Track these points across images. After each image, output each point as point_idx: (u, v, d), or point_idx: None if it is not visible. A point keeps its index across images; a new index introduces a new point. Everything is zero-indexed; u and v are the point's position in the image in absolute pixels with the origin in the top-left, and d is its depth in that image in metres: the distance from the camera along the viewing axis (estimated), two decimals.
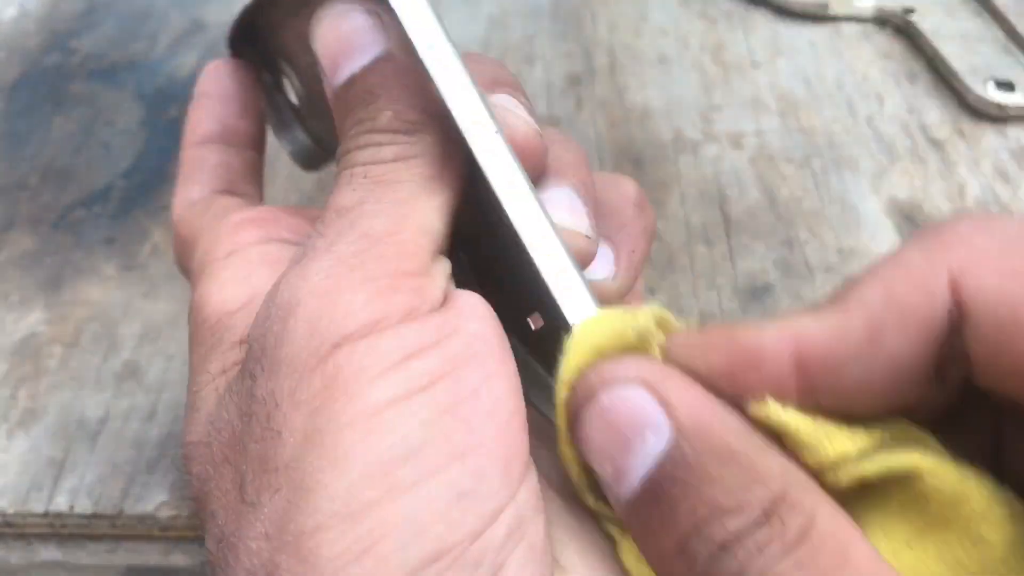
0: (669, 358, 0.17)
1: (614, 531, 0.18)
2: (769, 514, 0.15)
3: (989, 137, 0.43)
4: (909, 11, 0.49)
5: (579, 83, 0.47)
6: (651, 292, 0.36)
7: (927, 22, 0.48)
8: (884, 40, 0.49)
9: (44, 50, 0.50)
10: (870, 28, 0.50)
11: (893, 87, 0.46)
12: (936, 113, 0.44)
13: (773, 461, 0.15)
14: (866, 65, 0.47)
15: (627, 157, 0.42)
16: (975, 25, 0.48)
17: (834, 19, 0.50)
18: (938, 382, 0.16)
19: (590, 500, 0.18)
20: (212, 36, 0.51)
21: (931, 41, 0.47)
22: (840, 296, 0.17)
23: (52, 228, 0.39)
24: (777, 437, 0.16)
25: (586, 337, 0.17)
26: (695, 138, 0.43)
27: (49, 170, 0.42)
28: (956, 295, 0.16)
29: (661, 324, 0.18)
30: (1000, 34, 0.48)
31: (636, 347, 0.17)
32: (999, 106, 0.43)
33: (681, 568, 0.15)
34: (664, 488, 0.15)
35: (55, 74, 0.48)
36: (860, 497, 0.16)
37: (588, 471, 0.17)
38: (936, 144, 0.42)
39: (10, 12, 0.53)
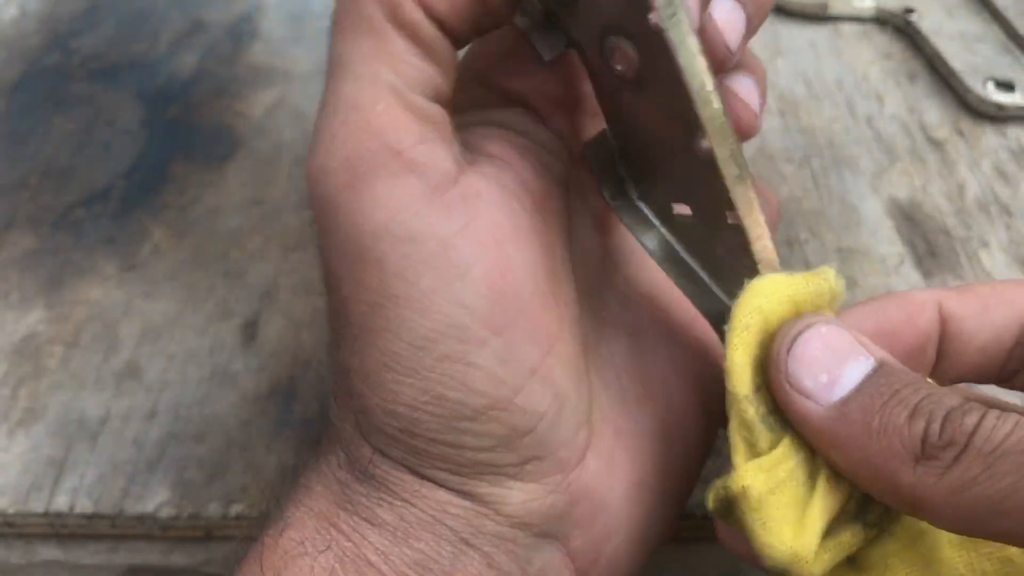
0: (847, 317, 0.22)
1: (748, 435, 0.21)
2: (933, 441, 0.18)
3: (989, 137, 0.43)
4: (909, 11, 0.49)
5: None
6: None
7: (927, 22, 0.48)
8: (884, 40, 0.49)
9: (44, 50, 0.50)
10: (870, 28, 0.50)
11: (893, 87, 0.46)
12: (936, 113, 0.44)
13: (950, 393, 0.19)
14: (866, 65, 0.47)
15: None
16: (975, 25, 0.48)
17: (834, 19, 0.50)
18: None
19: (749, 409, 0.20)
20: (212, 36, 0.51)
21: (931, 41, 0.47)
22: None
23: (52, 228, 0.39)
24: None
25: (778, 287, 0.21)
26: None
27: (49, 170, 0.42)
28: None
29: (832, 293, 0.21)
30: (1000, 34, 0.48)
31: (816, 303, 0.21)
32: (999, 106, 0.43)
33: (878, 442, 0.18)
34: (870, 384, 0.19)
35: (55, 74, 0.48)
36: None
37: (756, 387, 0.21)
38: (936, 144, 0.42)
39: (10, 12, 0.53)
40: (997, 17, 0.48)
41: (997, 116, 0.43)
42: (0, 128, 0.45)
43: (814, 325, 0.20)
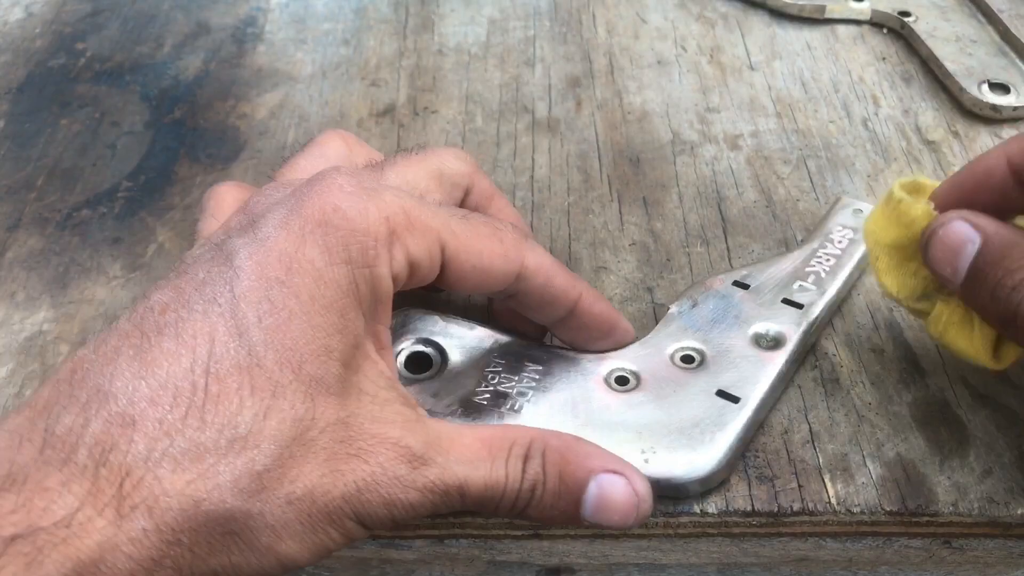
0: (949, 185, 0.30)
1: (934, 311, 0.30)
2: None
3: (983, 138, 0.43)
4: (905, 14, 0.50)
5: (578, 85, 0.47)
6: (649, 291, 0.37)
7: (922, 24, 0.49)
8: (880, 42, 0.50)
9: (50, 52, 0.50)
10: (866, 30, 0.50)
11: (888, 89, 0.46)
12: (931, 115, 0.45)
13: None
14: (862, 67, 0.48)
15: (625, 158, 0.43)
16: (970, 27, 0.49)
17: (830, 22, 0.51)
18: None
19: (919, 303, 0.31)
20: (216, 39, 0.51)
21: (926, 43, 0.48)
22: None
23: (58, 228, 0.40)
24: None
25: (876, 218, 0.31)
26: (693, 139, 0.44)
27: (55, 171, 0.43)
28: None
29: (915, 186, 0.31)
30: (994, 36, 0.48)
31: (919, 191, 0.30)
32: (993, 107, 0.44)
33: (994, 307, 0.27)
34: (980, 268, 0.27)
35: (61, 76, 0.49)
36: None
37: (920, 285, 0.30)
38: (931, 145, 0.43)
39: (16, 14, 0.53)
40: (992, 20, 0.49)
41: (992, 118, 0.44)
42: (6, 129, 0.45)
43: (935, 233, 0.28)
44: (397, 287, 0.27)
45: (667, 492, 0.29)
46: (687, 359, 0.32)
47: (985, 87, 0.44)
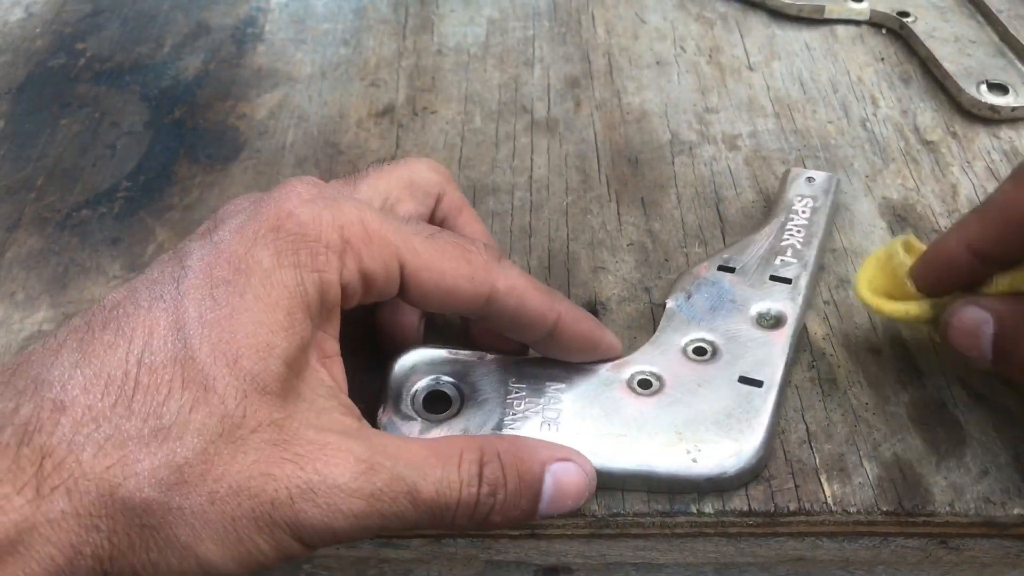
0: (919, 274, 0.31)
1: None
2: None
3: (982, 138, 0.43)
4: (903, 14, 0.50)
5: (577, 85, 0.47)
6: (647, 291, 0.37)
7: (921, 25, 0.49)
8: (879, 43, 0.50)
9: (50, 52, 0.50)
10: (865, 31, 0.50)
11: (887, 89, 0.46)
12: (929, 115, 0.45)
13: None
14: (860, 67, 0.48)
15: (624, 158, 0.43)
16: (968, 28, 0.49)
17: (829, 22, 0.51)
18: None
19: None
20: (217, 39, 0.51)
21: (925, 44, 0.48)
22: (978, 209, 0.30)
23: (58, 228, 0.40)
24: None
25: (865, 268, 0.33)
26: (691, 139, 0.44)
27: (55, 171, 0.43)
28: None
29: (908, 246, 0.32)
30: (993, 37, 0.48)
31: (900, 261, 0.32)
32: (992, 108, 0.44)
33: (1020, 370, 0.28)
34: (1002, 347, 0.28)
35: (61, 76, 0.49)
36: None
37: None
38: (929, 145, 0.43)
39: (16, 14, 0.53)
40: (990, 20, 0.49)
41: (990, 118, 0.44)
42: (6, 129, 0.45)
43: (947, 321, 0.30)
44: (351, 300, 0.27)
45: (718, 487, 0.30)
46: (700, 351, 0.32)
47: (984, 87, 0.45)
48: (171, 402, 0.23)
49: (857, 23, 0.51)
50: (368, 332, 0.33)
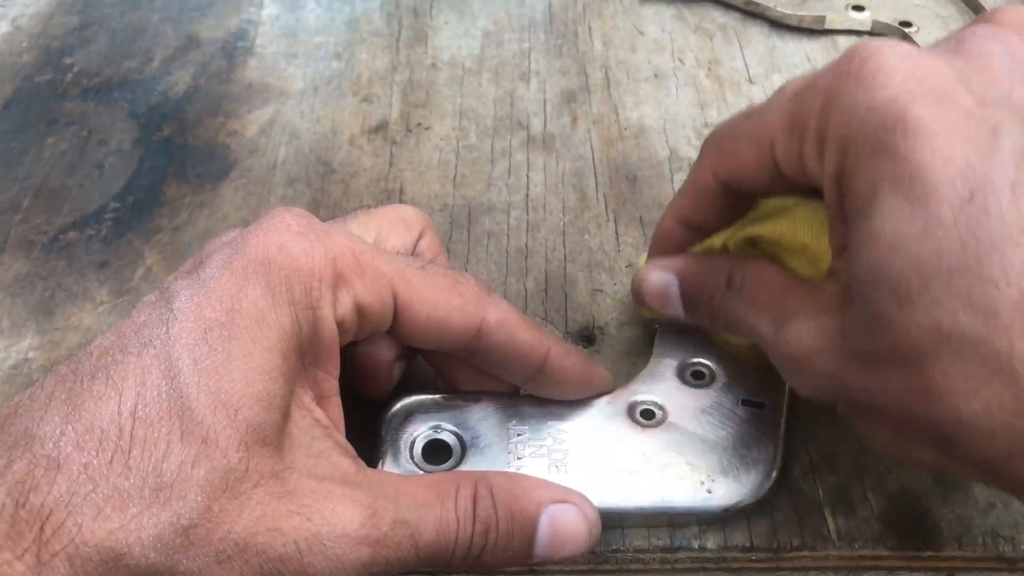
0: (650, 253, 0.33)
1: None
2: (730, 278, 0.29)
3: None
4: (906, 24, 0.49)
5: (574, 99, 0.46)
6: None
7: (923, 35, 0.48)
8: None
9: (37, 67, 0.50)
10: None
11: None
12: None
13: (720, 258, 0.30)
14: None
15: (622, 175, 0.42)
16: None
17: (831, 33, 0.50)
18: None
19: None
20: (207, 52, 0.50)
21: None
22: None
23: (44, 251, 0.39)
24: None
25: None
26: (690, 156, 0.43)
27: (41, 191, 0.42)
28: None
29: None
30: None
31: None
32: None
33: (715, 324, 0.30)
34: (688, 302, 0.30)
35: (48, 92, 0.48)
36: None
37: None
38: None
39: (2, 28, 0.52)
40: None
41: None
42: None
43: (638, 287, 0.31)
44: (346, 335, 0.26)
45: (733, 516, 0.29)
46: (698, 375, 0.32)
47: None
48: (171, 458, 0.22)
49: (859, 33, 0.50)
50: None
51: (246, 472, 0.22)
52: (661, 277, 0.31)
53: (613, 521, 0.29)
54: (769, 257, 0.29)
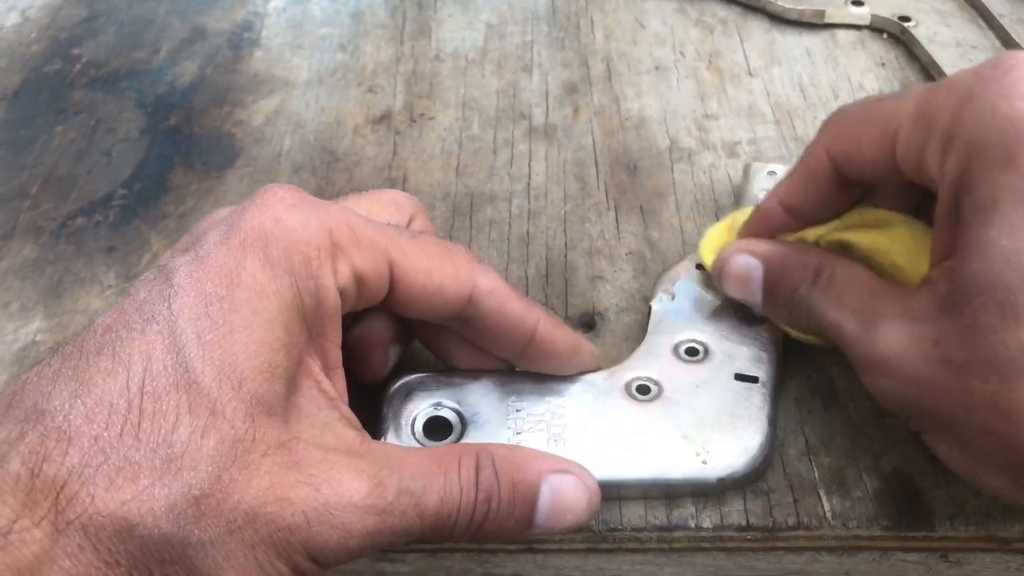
0: (742, 233, 0.33)
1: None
2: (818, 272, 0.29)
3: None
4: (905, 19, 0.50)
5: (576, 91, 0.47)
6: (645, 301, 0.36)
7: (922, 30, 0.49)
8: (880, 48, 0.49)
9: (45, 57, 0.50)
10: (866, 35, 0.50)
11: None
12: None
13: (809, 251, 0.30)
14: (861, 73, 0.47)
15: (622, 165, 0.43)
16: (970, 33, 0.49)
17: (830, 27, 0.51)
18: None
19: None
20: (213, 44, 0.51)
21: (926, 49, 0.47)
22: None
23: (53, 237, 0.40)
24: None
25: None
26: (690, 146, 0.43)
27: (50, 178, 0.43)
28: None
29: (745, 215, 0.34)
30: (995, 42, 0.48)
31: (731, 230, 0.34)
32: None
33: (790, 316, 0.31)
34: (769, 290, 0.31)
35: (56, 82, 0.49)
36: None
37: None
38: None
39: (12, 19, 0.53)
40: (992, 25, 0.49)
41: None
42: (1, 136, 0.45)
43: (721, 267, 0.32)
44: (346, 304, 0.27)
45: (730, 487, 0.29)
46: (692, 352, 0.32)
47: None
48: (180, 429, 0.22)
49: (858, 28, 0.50)
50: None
51: (253, 442, 0.23)
52: (746, 261, 0.31)
53: (611, 493, 0.29)
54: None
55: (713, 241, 0.34)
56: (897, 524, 0.29)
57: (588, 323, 0.36)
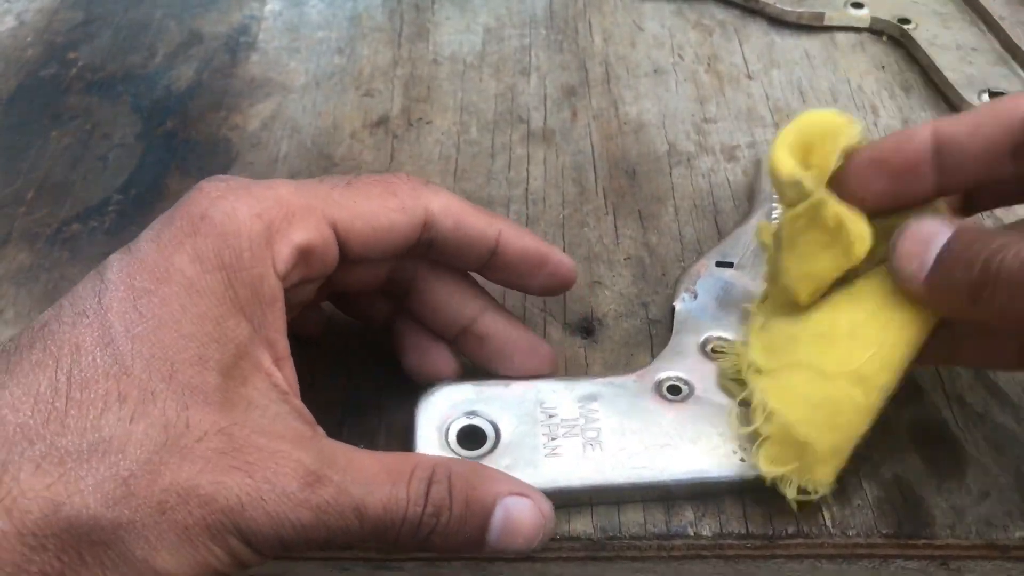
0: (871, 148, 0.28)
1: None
2: (1008, 245, 0.25)
3: None
4: (904, 21, 0.49)
5: (574, 94, 0.47)
6: (644, 307, 0.36)
7: (922, 32, 0.48)
8: (879, 50, 0.49)
9: (41, 62, 0.50)
10: (865, 38, 0.50)
11: (887, 98, 0.46)
12: None
13: (993, 233, 0.26)
14: (861, 76, 0.47)
15: (621, 170, 0.42)
16: (970, 36, 0.48)
17: (829, 29, 0.50)
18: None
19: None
20: (210, 48, 0.51)
21: (926, 51, 0.47)
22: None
23: (48, 243, 0.39)
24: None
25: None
26: (689, 150, 0.43)
27: (45, 184, 0.42)
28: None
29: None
30: (995, 44, 0.48)
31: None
32: None
33: (966, 278, 0.26)
34: (951, 254, 0.26)
35: (52, 86, 0.48)
36: None
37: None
38: None
39: (7, 23, 0.53)
40: (992, 28, 0.48)
41: None
42: None
43: (905, 227, 0.27)
44: (293, 282, 0.27)
45: (763, 484, 0.29)
46: (719, 349, 0.33)
47: (985, 96, 0.44)
48: (108, 415, 0.22)
49: (857, 30, 0.50)
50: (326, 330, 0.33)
51: (187, 428, 0.23)
52: (935, 225, 0.27)
53: (650, 495, 0.29)
54: None
55: (793, 138, 0.28)
56: (897, 532, 0.29)
57: (587, 329, 0.35)
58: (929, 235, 0.27)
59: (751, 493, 0.29)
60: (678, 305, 0.34)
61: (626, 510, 0.30)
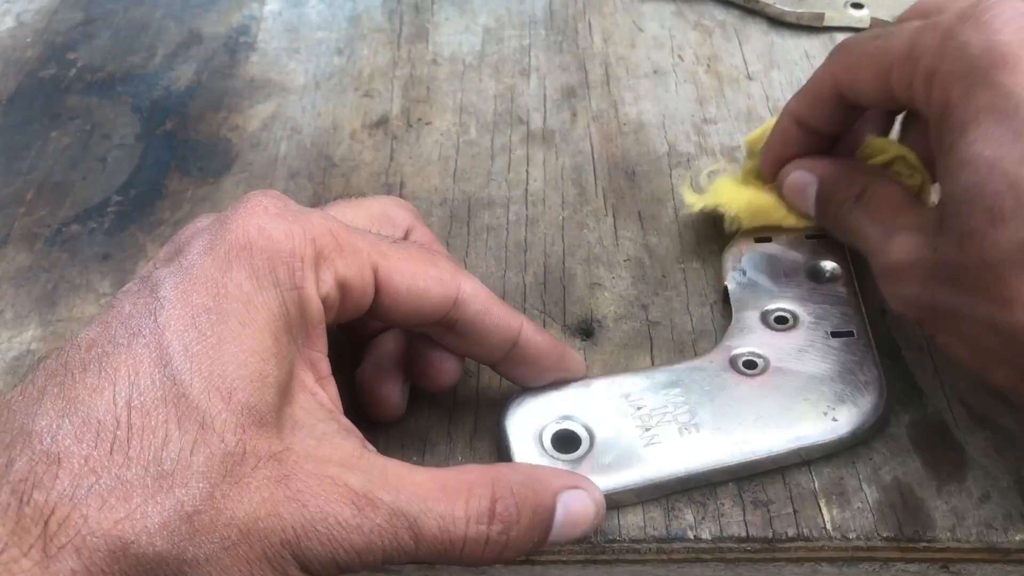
0: (767, 150, 0.37)
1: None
2: (861, 192, 0.32)
3: None
4: None
5: (574, 95, 0.47)
6: (644, 309, 0.36)
7: None
8: None
9: (40, 62, 0.50)
10: None
11: None
12: None
13: (858, 170, 0.33)
14: None
15: (621, 171, 0.42)
16: None
17: (829, 30, 0.50)
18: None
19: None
20: (209, 48, 0.51)
21: None
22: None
23: (47, 244, 0.39)
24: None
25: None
26: (689, 151, 0.43)
27: (45, 185, 0.42)
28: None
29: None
30: None
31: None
32: None
33: (837, 225, 0.33)
34: (821, 202, 0.34)
35: (52, 86, 0.48)
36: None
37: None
38: None
39: (7, 23, 0.53)
40: None
41: None
42: None
43: (782, 182, 0.35)
44: (331, 314, 0.27)
45: (860, 440, 0.30)
46: (781, 320, 0.34)
47: None
48: (170, 445, 0.22)
49: (857, 31, 0.50)
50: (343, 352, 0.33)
51: (244, 455, 0.23)
52: (803, 177, 0.34)
53: (757, 469, 0.30)
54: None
55: (727, 188, 0.37)
56: (898, 535, 0.29)
57: (586, 330, 0.35)
58: (801, 186, 0.34)
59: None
60: (730, 284, 0.35)
61: (625, 513, 0.30)
